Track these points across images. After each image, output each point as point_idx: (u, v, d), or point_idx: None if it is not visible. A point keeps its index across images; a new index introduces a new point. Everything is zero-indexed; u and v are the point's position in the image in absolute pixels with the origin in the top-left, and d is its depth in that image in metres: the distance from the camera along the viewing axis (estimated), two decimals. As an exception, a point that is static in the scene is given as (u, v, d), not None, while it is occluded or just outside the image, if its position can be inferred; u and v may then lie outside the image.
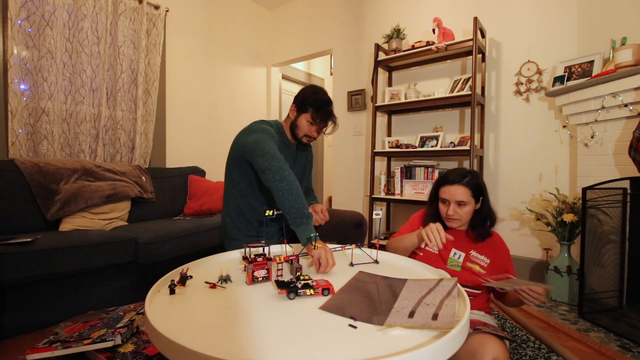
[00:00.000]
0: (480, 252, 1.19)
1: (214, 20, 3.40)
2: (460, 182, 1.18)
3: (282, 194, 1.16)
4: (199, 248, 2.14)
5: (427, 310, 0.74)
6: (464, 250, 1.20)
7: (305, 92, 1.48)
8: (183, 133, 3.15)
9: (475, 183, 1.19)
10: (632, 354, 1.41)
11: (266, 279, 0.96)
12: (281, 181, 1.18)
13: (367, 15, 3.26)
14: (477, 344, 0.85)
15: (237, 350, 0.60)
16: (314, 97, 1.44)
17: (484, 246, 1.20)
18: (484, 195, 1.21)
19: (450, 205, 1.18)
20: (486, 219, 1.20)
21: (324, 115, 1.44)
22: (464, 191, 1.17)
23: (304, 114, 1.45)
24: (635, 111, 1.75)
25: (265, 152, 1.25)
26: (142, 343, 1.24)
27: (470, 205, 1.18)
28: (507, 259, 1.21)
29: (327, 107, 1.44)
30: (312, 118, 1.44)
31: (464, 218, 1.19)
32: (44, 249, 1.51)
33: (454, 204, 1.18)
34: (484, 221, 1.20)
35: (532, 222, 2.36)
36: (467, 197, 1.17)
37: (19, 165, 1.92)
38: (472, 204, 1.18)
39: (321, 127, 1.48)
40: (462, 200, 1.17)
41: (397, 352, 0.58)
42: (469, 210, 1.18)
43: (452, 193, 1.18)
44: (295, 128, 1.49)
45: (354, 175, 3.41)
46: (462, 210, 1.18)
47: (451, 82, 2.67)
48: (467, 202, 1.17)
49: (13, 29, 2.07)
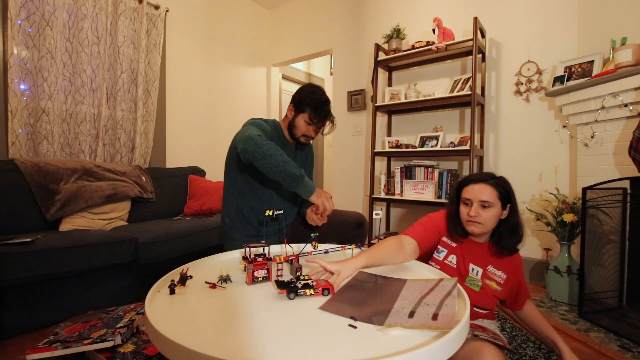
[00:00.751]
0: (497, 267, 1.11)
1: (214, 20, 3.40)
2: (487, 181, 1.07)
3: (269, 169, 1.22)
4: (199, 248, 2.14)
5: (427, 310, 0.74)
6: (482, 266, 1.11)
7: (302, 91, 1.46)
8: (183, 133, 3.15)
9: (504, 185, 1.08)
10: (632, 354, 1.41)
11: (266, 279, 0.96)
12: (263, 159, 1.22)
13: (367, 15, 3.26)
14: (473, 351, 0.83)
15: (237, 350, 0.60)
16: (312, 97, 1.43)
17: (501, 260, 1.11)
18: (512, 203, 1.08)
19: (473, 206, 1.06)
20: (514, 233, 1.08)
21: (321, 116, 1.43)
22: (491, 191, 1.05)
23: (301, 114, 1.44)
24: (635, 111, 1.75)
25: (245, 138, 1.27)
26: (142, 343, 1.24)
27: (495, 209, 1.05)
28: (521, 273, 1.13)
29: (325, 107, 1.43)
30: (309, 118, 1.43)
31: (487, 223, 1.06)
32: (44, 249, 1.51)
33: (477, 204, 1.06)
34: (512, 234, 1.08)
35: (532, 222, 2.36)
36: (492, 198, 1.05)
37: (19, 165, 1.92)
38: (497, 207, 1.06)
39: (319, 127, 1.47)
40: (486, 200, 1.04)
41: (396, 352, 0.58)
42: (493, 215, 1.05)
43: (475, 192, 1.06)
44: (293, 128, 1.48)
45: (354, 175, 3.41)
46: (486, 214, 1.05)
47: (451, 82, 2.67)
48: (493, 204, 1.05)
49: (13, 29, 2.07)
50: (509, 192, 1.08)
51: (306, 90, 1.46)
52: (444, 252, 1.17)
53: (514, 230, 1.08)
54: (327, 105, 1.44)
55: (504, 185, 1.08)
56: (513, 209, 1.09)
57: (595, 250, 1.80)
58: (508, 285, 1.11)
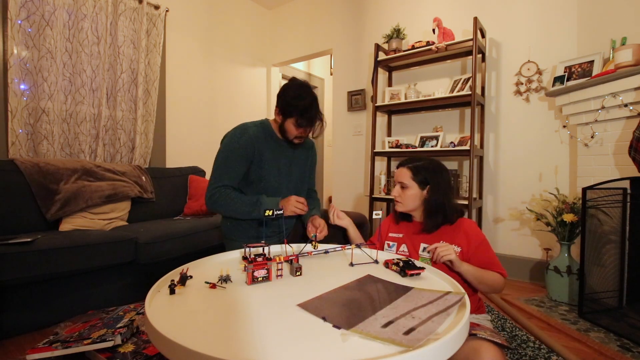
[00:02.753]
0: (450, 241, 1.16)
1: (214, 20, 3.40)
2: (406, 165, 1.23)
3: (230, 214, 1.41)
4: (199, 248, 2.14)
5: (406, 323, 0.69)
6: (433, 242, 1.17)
7: (286, 95, 1.39)
8: (183, 133, 3.15)
9: (422, 170, 1.20)
10: (632, 354, 1.41)
11: (266, 279, 0.96)
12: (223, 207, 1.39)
13: (367, 15, 3.26)
14: (472, 350, 0.82)
15: (237, 350, 0.60)
16: (296, 103, 1.36)
17: (454, 235, 1.17)
18: (431, 184, 1.19)
19: (395, 187, 1.24)
20: (436, 212, 1.18)
21: (309, 120, 1.38)
22: (405, 173, 1.21)
23: (289, 118, 1.40)
24: (635, 111, 1.75)
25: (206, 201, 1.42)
26: (142, 343, 1.24)
27: (413, 190, 1.20)
28: (480, 243, 1.15)
29: (311, 112, 1.37)
30: (297, 123, 1.39)
31: (406, 202, 1.21)
32: (44, 249, 1.51)
33: (397, 185, 1.23)
34: (432, 212, 1.19)
35: (532, 222, 2.36)
36: (407, 180, 1.20)
37: (19, 165, 1.92)
38: (414, 188, 1.20)
39: (309, 130, 1.43)
40: (402, 181, 1.21)
41: (397, 352, 0.58)
42: (412, 195, 1.20)
43: (396, 174, 1.25)
44: (284, 132, 1.44)
45: (354, 175, 3.41)
46: (405, 194, 1.21)
47: (451, 82, 2.67)
48: (409, 186, 1.20)
49: (13, 29, 2.07)
50: (427, 174, 1.20)
51: (290, 94, 1.39)
52: (394, 245, 1.29)
53: (435, 208, 1.19)
54: (312, 109, 1.37)
55: (422, 169, 1.20)
56: (433, 190, 1.19)
57: (595, 250, 1.80)
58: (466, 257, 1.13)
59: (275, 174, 1.47)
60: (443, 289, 0.91)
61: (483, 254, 1.15)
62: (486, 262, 1.14)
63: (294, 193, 1.53)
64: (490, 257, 1.14)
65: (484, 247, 1.15)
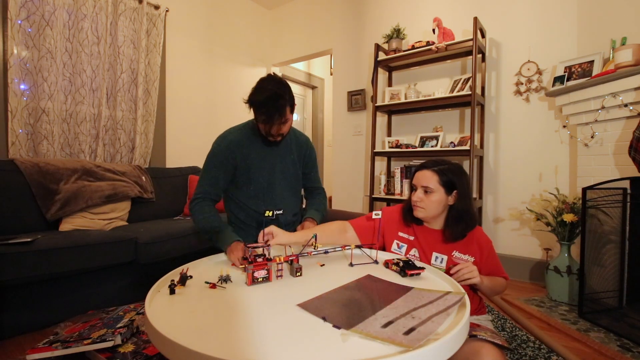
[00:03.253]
0: (463, 251, 1.11)
1: (214, 20, 3.40)
2: (430, 168, 1.12)
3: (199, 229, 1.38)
4: (199, 248, 2.14)
5: (406, 323, 0.69)
6: (446, 253, 1.12)
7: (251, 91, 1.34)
8: (183, 133, 3.15)
9: (449, 173, 1.10)
10: (632, 354, 1.41)
11: (266, 279, 0.96)
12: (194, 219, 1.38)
13: (367, 15, 3.26)
14: (472, 351, 0.82)
15: (237, 351, 0.60)
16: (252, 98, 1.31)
17: (467, 244, 1.11)
18: (458, 189, 1.11)
19: (417, 191, 1.13)
20: (460, 219, 1.10)
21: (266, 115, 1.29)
22: (431, 176, 1.10)
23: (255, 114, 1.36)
24: (635, 111, 1.75)
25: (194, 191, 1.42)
26: (142, 343, 1.24)
27: (438, 195, 1.10)
28: (491, 254, 1.12)
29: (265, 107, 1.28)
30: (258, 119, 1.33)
31: (429, 207, 1.11)
32: (44, 249, 1.51)
33: (420, 189, 1.12)
34: (457, 220, 1.10)
35: (532, 222, 2.36)
36: (433, 184, 1.10)
37: (19, 165, 1.92)
38: (440, 193, 1.10)
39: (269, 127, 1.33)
40: (427, 185, 1.10)
41: (397, 352, 0.58)
42: (436, 200, 1.10)
43: (419, 178, 1.13)
44: (258, 129, 1.40)
45: (354, 175, 3.41)
46: (428, 199, 1.10)
47: (451, 82, 2.67)
48: (434, 190, 1.10)
49: (13, 29, 2.07)
50: (454, 179, 1.10)
51: (253, 89, 1.33)
52: (404, 246, 1.21)
53: (460, 216, 1.10)
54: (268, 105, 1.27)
55: (448, 173, 1.10)
56: (461, 196, 1.11)
57: (595, 250, 1.80)
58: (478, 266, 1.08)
59: (265, 175, 1.44)
60: (443, 289, 0.91)
61: (491, 262, 1.12)
62: (493, 269, 1.13)
63: (290, 192, 1.52)
64: (496, 263, 1.13)
65: (492, 255, 1.13)
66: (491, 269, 1.12)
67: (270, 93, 1.29)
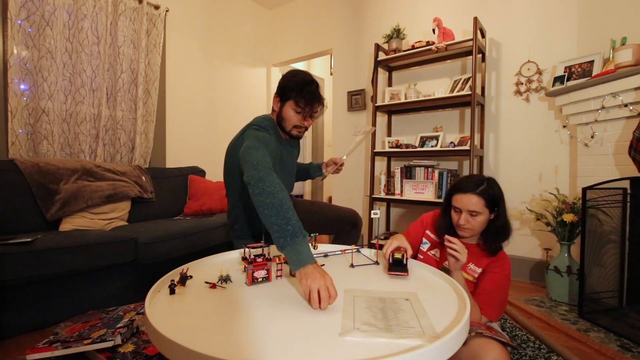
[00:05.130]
0: (478, 264, 1.15)
1: (214, 20, 3.40)
2: (474, 191, 1.11)
3: (262, 209, 0.95)
4: (199, 248, 2.14)
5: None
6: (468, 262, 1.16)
7: (284, 78, 1.33)
8: (183, 133, 3.15)
9: (491, 192, 1.11)
10: (632, 354, 1.41)
11: (266, 279, 0.96)
12: (260, 194, 0.97)
13: (367, 15, 3.26)
14: (478, 348, 0.85)
15: (237, 350, 0.60)
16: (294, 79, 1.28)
17: (484, 260, 1.15)
18: (499, 206, 1.13)
19: (462, 214, 1.12)
20: (501, 232, 1.13)
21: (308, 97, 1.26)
22: (477, 200, 1.10)
23: (287, 102, 1.30)
24: (635, 111, 1.75)
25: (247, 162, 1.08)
26: (142, 343, 1.24)
27: (484, 216, 1.11)
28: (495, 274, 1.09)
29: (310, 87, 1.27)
30: (296, 104, 1.28)
31: (476, 228, 1.12)
32: (44, 249, 1.51)
33: (465, 213, 1.12)
34: (498, 234, 1.13)
35: (532, 222, 2.36)
36: (480, 207, 1.10)
37: (19, 165, 1.92)
38: (485, 214, 1.12)
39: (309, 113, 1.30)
40: (474, 210, 1.10)
41: (397, 352, 0.58)
42: (482, 221, 1.12)
43: (464, 202, 1.12)
44: (282, 120, 1.34)
45: (354, 175, 3.41)
46: (475, 220, 1.11)
47: (451, 82, 2.67)
48: (480, 212, 1.11)
49: (13, 29, 2.07)
50: (496, 197, 1.12)
51: (288, 75, 1.32)
52: (427, 244, 1.27)
53: (501, 229, 1.13)
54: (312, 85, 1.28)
55: (491, 193, 1.12)
56: (500, 211, 1.13)
57: (595, 250, 1.80)
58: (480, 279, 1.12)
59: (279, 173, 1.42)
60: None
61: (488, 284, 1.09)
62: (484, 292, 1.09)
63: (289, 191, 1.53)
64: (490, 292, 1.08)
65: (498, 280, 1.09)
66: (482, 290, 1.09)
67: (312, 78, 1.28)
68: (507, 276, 1.11)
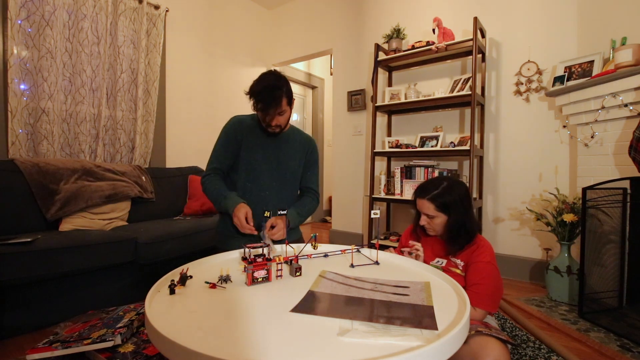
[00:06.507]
0: (460, 258, 1.19)
1: (214, 20, 3.40)
2: (425, 197, 1.19)
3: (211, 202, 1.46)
4: (199, 248, 2.14)
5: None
6: (446, 258, 1.22)
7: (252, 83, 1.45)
8: (183, 133, 3.15)
9: (442, 199, 1.16)
10: (632, 354, 1.41)
11: (266, 279, 0.96)
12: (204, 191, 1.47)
13: (367, 15, 3.26)
14: (478, 346, 0.86)
15: (237, 351, 0.60)
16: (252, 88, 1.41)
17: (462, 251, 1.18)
18: (453, 209, 1.17)
19: (422, 217, 1.22)
20: (458, 233, 1.17)
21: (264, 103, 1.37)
22: (429, 205, 1.18)
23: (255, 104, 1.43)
24: (635, 111, 1.75)
25: None
26: (142, 343, 1.24)
27: (440, 218, 1.18)
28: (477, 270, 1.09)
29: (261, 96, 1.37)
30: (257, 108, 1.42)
31: (437, 228, 1.20)
32: (44, 249, 1.51)
33: (424, 215, 1.21)
34: (455, 234, 1.17)
35: (532, 222, 2.36)
36: (432, 212, 1.18)
37: (19, 165, 1.92)
38: (441, 216, 1.18)
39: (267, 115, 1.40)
40: (428, 214, 1.19)
41: (397, 352, 0.58)
42: (441, 222, 1.19)
43: (420, 206, 1.22)
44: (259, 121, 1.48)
45: (354, 175, 3.41)
46: (434, 222, 1.19)
47: (451, 82, 2.67)
48: (435, 216, 1.18)
49: (13, 29, 2.07)
50: (446, 201, 1.17)
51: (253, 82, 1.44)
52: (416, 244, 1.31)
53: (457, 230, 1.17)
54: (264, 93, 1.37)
55: (441, 199, 1.17)
56: (454, 212, 1.17)
57: (595, 250, 1.80)
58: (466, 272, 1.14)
59: (259, 160, 1.48)
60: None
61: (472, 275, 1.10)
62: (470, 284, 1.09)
63: (282, 187, 1.52)
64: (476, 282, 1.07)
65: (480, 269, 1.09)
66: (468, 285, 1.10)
67: (267, 83, 1.40)
68: (488, 263, 1.10)
